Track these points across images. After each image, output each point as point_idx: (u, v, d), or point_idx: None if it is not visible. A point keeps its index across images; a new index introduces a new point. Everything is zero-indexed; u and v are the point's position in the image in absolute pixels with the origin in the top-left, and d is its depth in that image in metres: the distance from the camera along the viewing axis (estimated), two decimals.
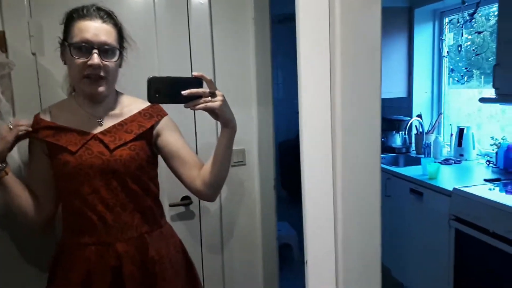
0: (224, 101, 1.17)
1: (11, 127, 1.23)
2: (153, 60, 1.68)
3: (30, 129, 1.26)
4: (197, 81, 1.13)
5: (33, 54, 1.53)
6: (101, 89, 1.22)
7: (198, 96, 1.12)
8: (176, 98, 1.10)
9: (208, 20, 1.74)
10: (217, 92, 1.16)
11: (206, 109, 1.15)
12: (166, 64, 1.70)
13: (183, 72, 1.68)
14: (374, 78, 0.76)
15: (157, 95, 1.09)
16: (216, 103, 1.15)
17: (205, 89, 1.14)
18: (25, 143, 1.31)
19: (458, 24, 3.27)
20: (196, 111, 1.16)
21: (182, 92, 1.09)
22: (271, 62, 1.87)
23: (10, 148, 1.24)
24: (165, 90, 1.09)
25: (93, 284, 1.25)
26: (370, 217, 0.78)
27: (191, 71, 1.69)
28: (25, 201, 1.28)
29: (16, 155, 1.47)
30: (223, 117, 1.19)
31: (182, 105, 1.13)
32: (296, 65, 0.75)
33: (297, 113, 0.77)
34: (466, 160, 3.11)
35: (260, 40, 1.82)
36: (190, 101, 1.12)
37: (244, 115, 1.82)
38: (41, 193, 1.31)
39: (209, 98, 1.14)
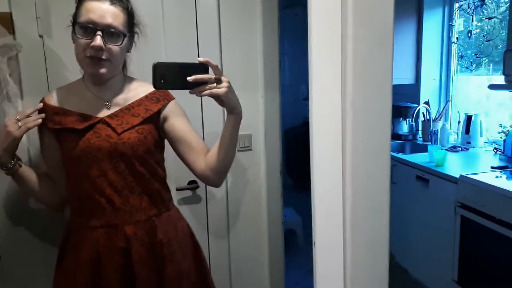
0: (229, 87, 1.16)
1: (20, 123, 1.20)
2: (159, 45, 1.66)
3: (39, 121, 1.23)
4: (202, 67, 1.11)
5: (40, 36, 1.52)
6: (103, 70, 1.21)
7: (204, 82, 1.11)
8: (182, 84, 1.09)
9: (216, 4, 1.72)
10: (222, 78, 1.15)
11: (212, 95, 1.13)
12: (173, 49, 1.68)
13: (190, 57, 1.66)
14: (386, 63, 0.75)
15: (162, 81, 1.07)
16: (221, 89, 1.13)
17: (210, 75, 1.13)
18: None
19: (469, 9, 3.22)
20: (203, 97, 1.15)
21: (188, 78, 1.08)
22: (279, 47, 1.85)
23: (18, 143, 1.24)
24: (170, 76, 1.08)
25: (102, 264, 1.26)
26: (379, 201, 0.78)
27: (198, 56, 1.68)
28: (41, 187, 1.32)
29: (25, 141, 1.48)
30: (228, 103, 1.18)
31: (188, 91, 1.12)
32: (301, 52, 0.74)
33: (303, 100, 0.76)
34: (473, 147, 3.09)
35: (268, 24, 1.79)
36: (196, 87, 1.11)
37: (251, 100, 1.81)
38: (56, 176, 1.35)
39: (215, 84, 1.13)
